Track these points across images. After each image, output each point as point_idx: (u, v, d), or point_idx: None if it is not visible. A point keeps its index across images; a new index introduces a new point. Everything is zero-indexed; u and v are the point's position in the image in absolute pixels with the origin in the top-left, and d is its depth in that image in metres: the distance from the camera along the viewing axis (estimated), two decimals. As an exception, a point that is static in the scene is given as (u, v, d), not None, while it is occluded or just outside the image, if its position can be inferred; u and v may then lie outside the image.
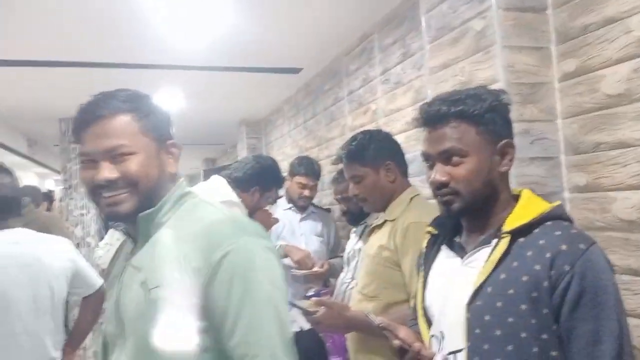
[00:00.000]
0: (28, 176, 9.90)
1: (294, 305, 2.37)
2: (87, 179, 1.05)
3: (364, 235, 2.15)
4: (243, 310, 0.95)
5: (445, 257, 1.25)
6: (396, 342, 1.20)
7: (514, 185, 1.41)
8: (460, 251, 1.22)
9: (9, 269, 1.88)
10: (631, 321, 1.42)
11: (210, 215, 1.07)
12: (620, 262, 1.46)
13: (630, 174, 1.44)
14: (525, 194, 1.21)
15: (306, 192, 3.03)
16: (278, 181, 2.55)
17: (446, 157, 1.17)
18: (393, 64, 2.76)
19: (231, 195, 2.33)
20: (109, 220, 1.15)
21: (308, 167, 3.00)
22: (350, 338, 1.86)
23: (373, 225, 1.91)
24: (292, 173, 3.03)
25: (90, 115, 1.05)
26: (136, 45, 3.20)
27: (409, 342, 1.21)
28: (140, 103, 1.08)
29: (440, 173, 1.18)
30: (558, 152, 1.68)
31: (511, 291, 1.06)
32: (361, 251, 2.09)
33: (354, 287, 1.97)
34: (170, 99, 4.36)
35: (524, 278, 1.06)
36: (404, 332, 1.23)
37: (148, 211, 1.07)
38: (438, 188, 1.19)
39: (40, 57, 3.40)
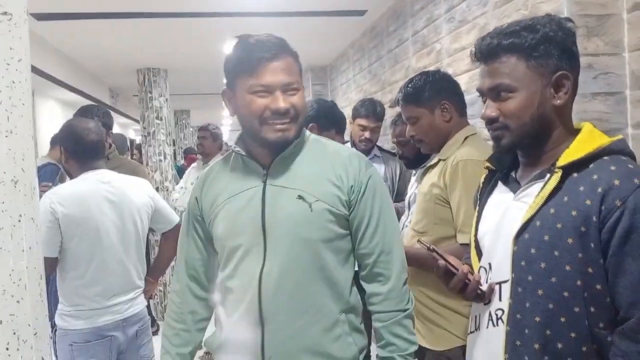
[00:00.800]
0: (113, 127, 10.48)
1: None
2: (261, 106, 1.25)
3: (420, 176, 2.18)
4: (381, 219, 1.30)
5: (499, 192, 1.27)
6: (441, 262, 1.24)
7: (576, 121, 1.39)
8: (515, 186, 1.23)
9: (101, 205, 2.09)
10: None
11: (344, 148, 1.39)
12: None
13: (700, 107, 1.37)
14: (586, 128, 1.17)
15: (366, 134, 2.92)
16: (337, 122, 2.57)
17: (496, 93, 1.17)
18: (458, 1, 2.68)
19: None
20: (276, 145, 1.29)
21: (369, 108, 2.90)
22: None
23: (428, 165, 1.93)
24: (354, 116, 2.95)
25: (273, 53, 1.24)
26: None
27: (456, 265, 1.24)
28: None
29: (490, 109, 1.19)
30: (623, 87, 1.61)
31: (559, 225, 1.07)
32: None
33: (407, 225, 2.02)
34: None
35: (574, 213, 1.06)
36: (452, 259, 1.27)
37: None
38: (489, 123, 1.20)
39: (119, 9, 3.57)
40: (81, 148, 2.14)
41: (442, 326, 1.78)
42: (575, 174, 1.10)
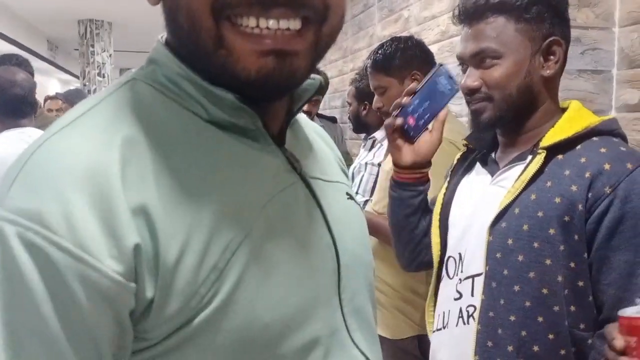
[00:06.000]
0: (51, 82, 9.89)
1: None
2: None
3: (377, 150, 2.08)
4: None
5: (476, 174, 1.16)
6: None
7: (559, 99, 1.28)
8: (494, 168, 1.12)
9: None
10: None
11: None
12: (668, 188, 1.34)
13: (694, 91, 1.28)
14: (574, 106, 1.07)
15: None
16: None
17: (479, 59, 1.05)
18: (430, -34, 2.52)
19: None
20: (267, 87, 0.52)
21: None
22: None
23: None
24: None
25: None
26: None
27: None
28: None
29: (471, 77, 1.07)
30: (611, 65, 1.51)
31: (540, 214, 0.97)
32: (368, 165, 2.02)
33: (368, 203, 1.91)
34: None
35: (557, 200, 0.96)
36: None
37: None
38: (469, 94, 1.08)
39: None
40: (2, 102, 1.89)
41: (402, 313, 1.70)
42: (560, 156, 1.00)
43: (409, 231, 1.26)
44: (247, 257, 0.49)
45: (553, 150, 1.01)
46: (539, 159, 1.00)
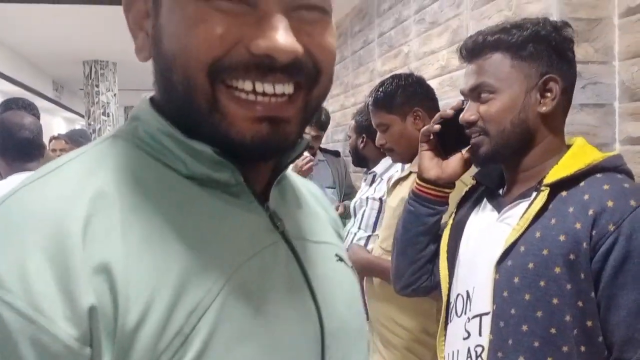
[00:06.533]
0: (56, 121, 10.00)
1: None
2: (224, 37, 0.52)
3: (377, 184, 2.07)
4: None
5: (483, 210, 1.15)
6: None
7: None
8: (500, 205, 1.11)
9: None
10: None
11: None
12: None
13: (698, 123, 1.27)
14: (579, 142, 1.06)
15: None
16: None
17: (477, 93, 1.07)
18: (429, 2, 2.56)
19: None
20: (258, 149, 0.53)
21: None
22: (366, 283, 1.85)
23: (398, 178, 1.81)
24: None
25: None
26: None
27: None
28: None
29: (469, 111, 1.09)
30: (612, 98, 1.51)
31: (545, 252, 0.95)
32: (369, 200, 2.01)
33: (361, 238, 1.91)
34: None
35: (562, 237, 0.94)
36: None
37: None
38: (467, 128, 1.10)
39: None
40: (11, 145, 1.90)
41: (412, 352, 1.67)
42: (564, 193, 0.99)
43: (417, 251, 1.25)
44: (215, 322, 0.45)
45: (556, 187, 1.00)
46: (543, 196, 1.00)
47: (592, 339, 0.93)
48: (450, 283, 1.16)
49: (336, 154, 3.20)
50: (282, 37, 0.46)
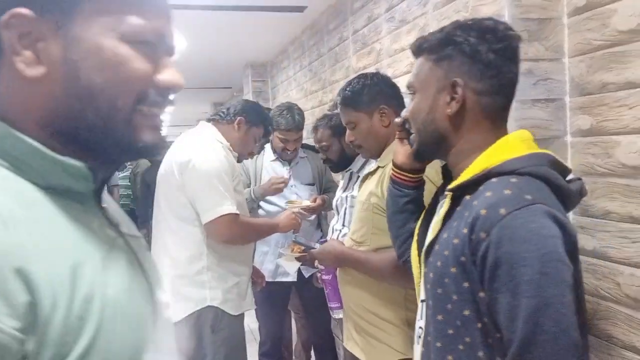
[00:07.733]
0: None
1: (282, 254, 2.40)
2: (142, 74, 0.77)
3: (355, 182, 2.12)
4: None
5: (440, 207, 1.20)
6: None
7: (515, 128, 1.34)
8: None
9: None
10: (628, 270, 1.38)
11: None
12: (620, 209, 1.41)
13: (637, 116, 1.35)
14: (500, 142, 1.06)
15: (288, 146, 2.94)
16: (264, 118, 2.47)
17: (411, 93, 1.16)
18: (398, 1, 2.62)
19: (217, 135, 2.28)
20: (150, 151, 0.80)
21: (288, 121, 2.84)
22: (340, 271, 1.91)
23: (367, 172, 1.88)
24: (274, 126, 2.83)
25: None
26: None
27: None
28: None
29: (406, 109, 1.20)
30: (563, 93, 1.59)
31: (446, 252, 1.02)
32: (348, 198, 2.06)
33: (346, 234, 1.95)
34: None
35: (455, 240, 1.00)
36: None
37: None
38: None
39: None
40: None
41: (382, 340, 1.73)
42: (467, 197, 1.03)
43: (397, 227, 1.39)
44: (101, 304, 0.60)
45: (460, 191, 1.04)
46: (447, 200, 1.06)
47: (491, 334, 0.97)
48: (420, 268, 1.22)
49: (317, 150, 3.24)
50: (175, 75, 0.71)
